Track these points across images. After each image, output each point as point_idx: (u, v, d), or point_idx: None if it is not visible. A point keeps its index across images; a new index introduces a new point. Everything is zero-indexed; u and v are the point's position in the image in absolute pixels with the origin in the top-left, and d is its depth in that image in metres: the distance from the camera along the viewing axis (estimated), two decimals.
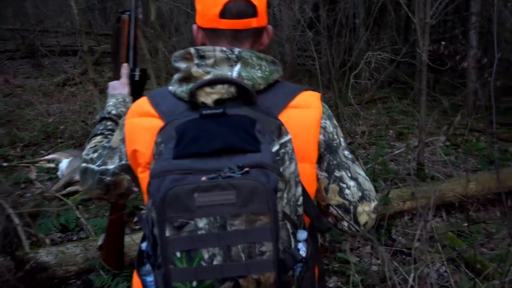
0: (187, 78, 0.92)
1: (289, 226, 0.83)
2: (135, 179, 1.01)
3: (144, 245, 0.88)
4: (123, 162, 0.99)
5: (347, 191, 0.96)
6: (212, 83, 0.87)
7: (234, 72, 0.90)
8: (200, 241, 0.76)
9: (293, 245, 0.84)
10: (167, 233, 0.75)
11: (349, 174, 0.97)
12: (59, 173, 4.44)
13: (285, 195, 0.82)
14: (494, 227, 3.35)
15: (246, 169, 0.77)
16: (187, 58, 0.93)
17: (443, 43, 3.89)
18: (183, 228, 0.75)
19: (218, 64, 0.91)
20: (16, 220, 2.53)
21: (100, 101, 5.95)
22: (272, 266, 0.76)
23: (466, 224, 3.31)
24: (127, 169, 1.00)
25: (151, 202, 0.79)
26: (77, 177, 4.13)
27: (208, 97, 0.87)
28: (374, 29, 6.93)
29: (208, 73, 0.90)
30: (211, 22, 0.94)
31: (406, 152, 5.59)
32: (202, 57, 0.92)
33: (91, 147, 1.09)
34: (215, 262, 0.76)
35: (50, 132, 5.62)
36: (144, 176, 0.92)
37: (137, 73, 1.28)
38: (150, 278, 0.86)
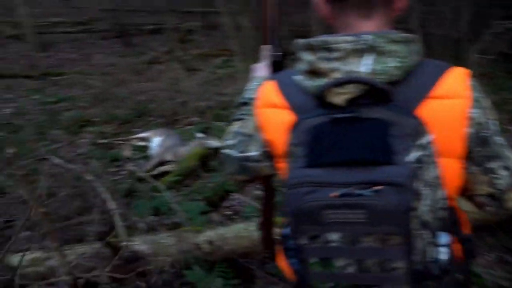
0: (313, 72, 0.85)
1: (427, 235, 0.79)
2: (274, 165, 1.00)
3: (285, 231, 0.93)
4: (263, 149, 0.98)
5: (498, 181, 0.87)
6: (342, 83, 0.80)
7: (366, 66, 0.81)
8: (333, 252, 0.80)
9: (432, 254, 0.81)
10: (302, 241, 0.80)
11: (502, 163, 0.87)
12: (150, 152, 4.47)
13: (423, 204, 0.77)
14: None
15: (378, 187, 0.73)
16: (311, 49, 0.84)
17: None
18: (317, 239, 0.79)
19: (347, 57, 0.81)
20: (112, 205, 2.48)
21: (187, 79, 5.95)
22: (405, 280, 0.77)
23: None
24: (266, 156, 0.99)
25: (287, 210, 0.81)
26: (168, 157, 4.11)
27: (338, 97, 0.81)
28: None
29: (336, 70, 0.82)
30: None
31: None
32: (327, 49, 0.82)
33: (230, 133, 1.08)
34: (346, 271, 0.80)
35: (142, 110, 5.72)
36: (281, 166, 0.95)
37: (277, 54, 1.19)
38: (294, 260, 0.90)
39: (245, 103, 1.12)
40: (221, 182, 3.54)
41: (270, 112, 0.93)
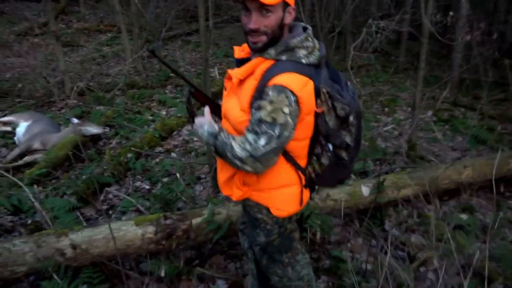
0: (312, 50, 1.44)
1: None
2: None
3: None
4: (296, 122, 1.38)
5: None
6: None
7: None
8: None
9: None
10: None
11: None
12: (15, 138, 3.95)
13: None
14: (488, 216, 3.17)
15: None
16: (307, 38, 1.44)
17: (451, 13, 3.50)
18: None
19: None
20: None
21: (64, 55, 5.34)
22: None
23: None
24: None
25: (353, 116, 1.49)
26: (36, 145, 3.67)
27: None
28: None
29: (316, 46, 1.48)
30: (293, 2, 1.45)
31: (394, 127, 5.34)
32: (310, 37, 1.46)
33: (251, 142, 1.35)
34: None
35: (7, 89, 5.01)
36: (309, 118, 1.44)
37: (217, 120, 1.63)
38: None
39: (218, 134, 1.44)
40: (96, 173, 3.26)
41: (307, 87, 1.39)
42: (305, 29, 1.48)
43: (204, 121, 1.51)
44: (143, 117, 4.78)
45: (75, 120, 3.95)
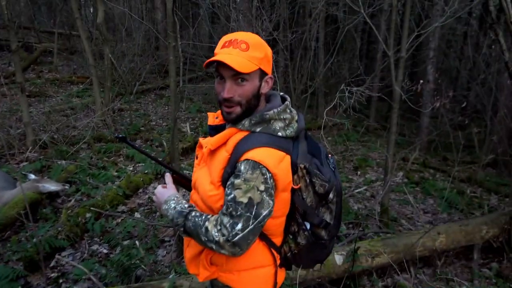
0: (290, 122, 1.34)
1: None
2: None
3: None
4: (274, 200, 1.25)
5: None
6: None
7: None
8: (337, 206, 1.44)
9: None
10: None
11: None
12: None
13: None
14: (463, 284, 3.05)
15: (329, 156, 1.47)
16: (286, 110, 1.34)
17: (421, 81, 3.58)
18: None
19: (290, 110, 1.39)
20: None
21: (28, 107, 5.13)
22: None
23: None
24: (274, 202, 1.27)
25: (333, 194, 1.36)
26: None
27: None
28: (337, 54, 6.66)
29: (295, 118, 1.38)
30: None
31: (366, 188, 5.29)
32: (289, 109, 1.37)
33: (227, 227, 1.20)
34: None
35: None
36: (284, 196, 1.29)
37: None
38: None
39: (188, 214, 1.30)
40: (49, 236, 2.99)
41: (283, 163, 1.27)
42: (283, 99, 1.38)
43: (169, 194, 1.38)
44: (108, 173, 4.55)
45: (32, 176, 3.70)
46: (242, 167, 1.20)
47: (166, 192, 1.40)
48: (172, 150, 2.85)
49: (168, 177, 1.47)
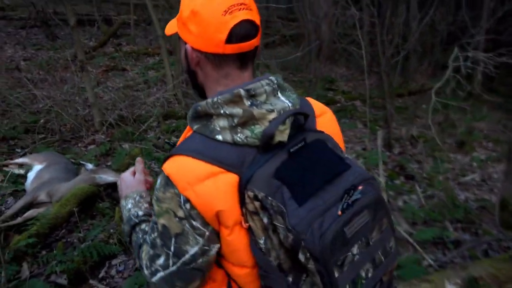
0: (245, 122, 0.87)
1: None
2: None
3: None
4: (206, 233, 0.88)
5: None
6: (285, 119, 0.87)
7: (287, 102, 0.92)
8: (359, 265, 0.84)
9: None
10: (336, 275, 0.80)
11: None
12: (26, 185, 3.48)
13: None
14: None
15: (360, 187, 0.86)
16: (236, 101, 0.88)
17: None
18: (344, 263, 0.82)
19: (269, 99, 0.91)
20: None
21: (92, 88, 4.88)
22: (396, 256, 0.93)
23: None
24: (213, 237, 0.90)
25: (304, 256, 0.79)
26: (41, 196, 3.15)
27: (283, 134, 0.87)
28: (437, 6, 5.52)
29: (272, 111, 0.88)
30: (216, 48, 0.90)
31: (472, 168, 4.35)
32: (253, 96, 0.89)
33: (149, 258, 0.93)
34: (369, 275, 0.86)
35: (30, 124, 4.62)
36: (234, 237, 0.88)
37: None
38: None
39: (137, 224, 1.06)
40: (99, 240, 2.66)
41: (207, 183, 0.85)
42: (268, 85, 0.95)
43: (132, 190, 1.15)
44: None
45: (90, 166, 3.42)
46: (158, 181, 0.92)
47: (131, 184, 1.17)
48: None
49: (139, 163, 1.22)
